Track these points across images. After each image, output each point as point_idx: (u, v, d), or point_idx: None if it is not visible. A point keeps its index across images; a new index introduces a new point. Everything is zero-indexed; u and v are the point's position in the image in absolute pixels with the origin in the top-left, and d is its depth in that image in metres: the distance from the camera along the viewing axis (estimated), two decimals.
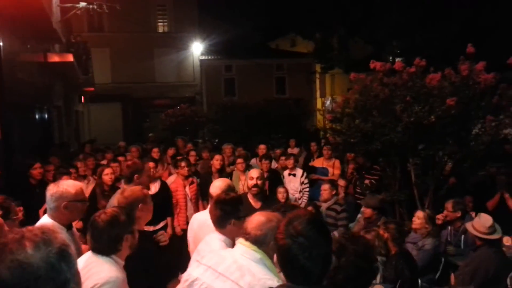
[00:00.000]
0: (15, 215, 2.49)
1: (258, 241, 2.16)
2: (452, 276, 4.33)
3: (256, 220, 2.23)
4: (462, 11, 16.25)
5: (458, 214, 4.78)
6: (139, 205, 2.88)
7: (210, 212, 2.88)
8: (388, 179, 6.30)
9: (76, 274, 1.29)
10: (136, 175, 3.91)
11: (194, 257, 2.90)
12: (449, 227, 4.93)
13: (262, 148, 8.08)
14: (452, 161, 5.67)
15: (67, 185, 2.76)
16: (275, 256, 1.71)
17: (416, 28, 18.00)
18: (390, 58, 20.53)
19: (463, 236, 4.76)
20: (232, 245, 2.73)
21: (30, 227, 1.29)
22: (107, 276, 2.19)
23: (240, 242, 2.22)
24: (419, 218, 4.47)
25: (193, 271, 2.26)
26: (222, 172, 6.66)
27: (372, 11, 19.95)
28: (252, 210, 3.11)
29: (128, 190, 3.02)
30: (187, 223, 5.76)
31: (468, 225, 3.98)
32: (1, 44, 5.66)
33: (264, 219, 2.23)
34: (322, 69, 26.93)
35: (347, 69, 23.23)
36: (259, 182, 4.26)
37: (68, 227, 2.78)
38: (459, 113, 5.25)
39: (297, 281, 1.55)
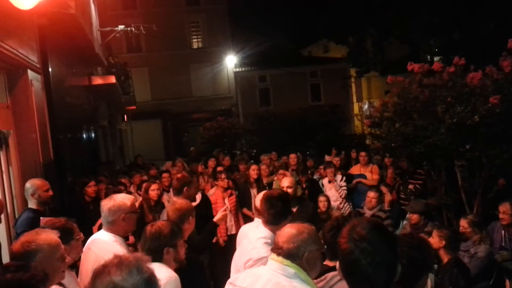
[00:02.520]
0: (78, 235, 2.64)
1: (291, 255, 2.10)
2: (507, 283, 4.13)
3: (286, 233, 2.17)
4: (498, 6, 15.59)
5: None
6: (189, 218, 3.00)
7: (263, 209, 2.89)
8: (433, 183, 6.11)
9: None
10: (186, 187, 4.05)
11: (233, 265, 2.96)
12: (503, 231, 4.71)
13: (292, 157, 8.05)
14: (500, 161, 5.42)
15: (123, 198, 2.96)
16: (337, 263, 1.69)
17: (452, 26, 17.44)
18: (428, 57, 19.96)
19: None
20: None
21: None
22: (167, 276, 2.28)
23: (272, 258, 2.16)
24: (463, 226, 4.30)
25: None
26: (259, 182, 6.73)
27: (405, 10, 19.55)
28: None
29: (178, 203, 3.14)
30: (227, 234, 5.91)
31: None
32: (50, 70, 6.02)
33: (295, 231, 2.17)
34: (357, 73, 26.57)
35: (384, 71, 22.80)
36: (289, 190, 4.29)
37: (126, 239, 2.95)
38: (504, 111, 5.04)
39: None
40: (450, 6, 17.21)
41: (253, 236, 2.91)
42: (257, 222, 3.15)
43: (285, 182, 4.50)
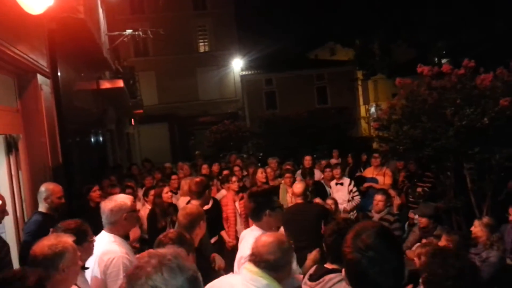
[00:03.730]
0: (91, 237, 2.65)
1: (272, 266, 2.06)
2: None
3: (266, 243, 2.11)
4: (507, 8, 15.48)
5: None
6: (200, 222, 3.00)
7: (245, 206, 2.94)
8: (442, 186, 6.06)
9: None
10: (207, 190, 4.10)
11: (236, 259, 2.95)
12: None
13: (308, 160, 8.06)
14: (510, 163, 5.37)
15: (123, 198, 3.00)
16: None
17: (460, 27, 17.34)
18: (436, 59, 19.87)
19: None
20: None
21: (161, 251, 1.32)
22: None
23: (247, 268, 2.12)
24: (475, 226, 4.25)
25: None
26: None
27: (413, 13, 19.51)
28: None
29: (188, 208, 3.15)
30: (237, 238, 5.89)
31: None
32: (59, 75, 6.07)
33: (275, 240, 2.12)
34: (364, 75, 26.52)
35: (390, 74, 22.75)
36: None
37: (126, 238, 2.96)
38: None
39: None
40: (459, 8, 17.13)
41: (248, 237, 2.93)
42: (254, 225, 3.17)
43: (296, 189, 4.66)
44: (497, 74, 5.21)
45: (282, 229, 2.77)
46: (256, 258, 2.09)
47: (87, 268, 2.77)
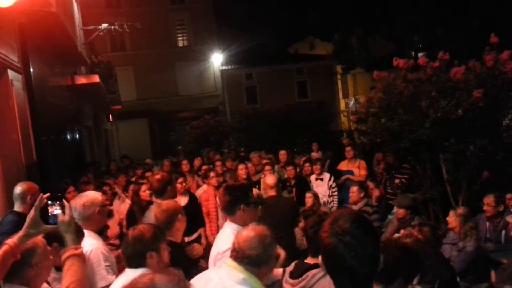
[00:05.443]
0: None
1: (254, 262, 2.03)
2: (493, 274, 4.18)
3: (248, 238, 2.06)
4: (482, 4, 15.85)
5: (501, 208, 4.63)
6: (179, 216, 2.97)
7: (220, 199, 2.90)
8: (419, 177, 6.17)
9: None
10: (169, 187, 4.00)
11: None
12: (487, 223, 4.79)
13: (282, 154, 8.05)
14: (484, 154, 5.50)
15: (93, 193, 3.00)
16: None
17: (436, 22, 17.67)
18: (413, 53, 20.20)
19: (503, 232, 4.60)
20: None
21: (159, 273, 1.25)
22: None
23: (226, 263, 2.09)
24: (450, 216, 4.36)
25: None
26: (248, 181, 6.70)
27: (390, 8, 19.76)
28: None
29: (164, 204, 3.11)
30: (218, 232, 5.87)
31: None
32: (32, 70, 5.91)
33: (256, 235, 2.08)
34: (343, 69, 26.76)
35: (369, 68, 23.00)
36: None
37: (100, 233, 2.94)
38: (487, 105, 5.11)
39: (344, 284, 1.46)
40: (435, 3, 17.42)
41: (221, 233, 2.90)
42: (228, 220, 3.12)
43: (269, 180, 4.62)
44: (469, 66, 5.31)
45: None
46: (238, 254, 2.05)
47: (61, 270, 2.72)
